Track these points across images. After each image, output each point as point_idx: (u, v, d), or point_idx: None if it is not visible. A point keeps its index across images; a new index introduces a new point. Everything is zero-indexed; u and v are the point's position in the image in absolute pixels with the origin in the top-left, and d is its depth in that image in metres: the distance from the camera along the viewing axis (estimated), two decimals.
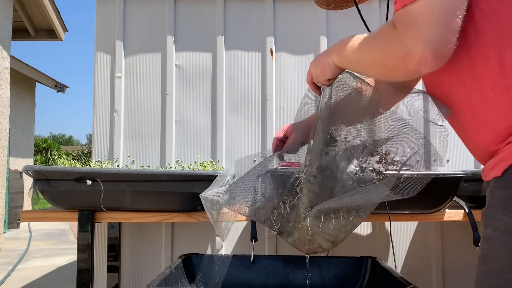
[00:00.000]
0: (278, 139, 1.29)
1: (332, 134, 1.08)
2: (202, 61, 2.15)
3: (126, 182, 1.56)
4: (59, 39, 6.64)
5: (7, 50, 4.80)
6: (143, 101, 2.12)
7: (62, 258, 4.18)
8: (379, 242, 2.09)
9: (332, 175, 1.08)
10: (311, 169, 1.09)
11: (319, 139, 1.08)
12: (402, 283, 1.19)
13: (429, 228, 2.10)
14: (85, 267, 1.62)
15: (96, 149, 2.09)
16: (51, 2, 5.99)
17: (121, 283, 2.02)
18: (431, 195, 1.63)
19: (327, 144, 1.08)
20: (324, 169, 1.08)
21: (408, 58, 0.75)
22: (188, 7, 2.16)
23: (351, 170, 1.08)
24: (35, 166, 1.58)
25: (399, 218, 1.71)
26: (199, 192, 1.59)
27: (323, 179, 1.08)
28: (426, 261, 2.09)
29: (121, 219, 1.68)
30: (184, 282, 1.44)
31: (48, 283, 3.31)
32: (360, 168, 1.08)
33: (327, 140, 1.08)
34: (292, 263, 1.54)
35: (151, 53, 2.14)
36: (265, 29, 2.15)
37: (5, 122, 4.82)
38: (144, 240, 2.05)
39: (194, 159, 2.07)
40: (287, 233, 1.18)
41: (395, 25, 0.77)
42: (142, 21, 2.15)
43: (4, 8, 4.76)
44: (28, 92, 8.44)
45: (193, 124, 2.11)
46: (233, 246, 2.07)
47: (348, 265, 1.53)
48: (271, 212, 1.19)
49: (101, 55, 2.12)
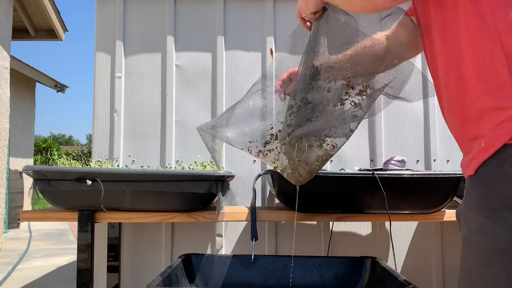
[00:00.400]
0: (282, 80, 1.28)
1: (317, 67, 1.10)
2: (202, 61, 2.15)
3: (126, 182, 1.56)
4: (59, 39, 6.64)
5: (7, 50, 4.80)
6: (143, 101, 2.12)
7: (62, 258, 4.18)
8: (379, 242, 2.09)
9: (315, 107, 1.11)
10: (295, 101, 1.12)
11: (304, 72, 1.11)
12: (402, 283, 1.19)
13: (429, 228, 2.10)
14: (85, 267, 1.62)
15: (96, 149, 2.09)
16: (51, 2, 5.99)
17: (121, 283, 2.02)
18: (431, 195, 1.63)
19: (311, 77, 1.11)
20: (308, 102, 1.11)
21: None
22: (188, 7, 2.16)
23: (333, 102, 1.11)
24: (35, 166, 1.58)
25: (399, 218, 1.71)
26: (199, 192, 1.59)
27: (305, 112, 1.11)
28: (426, 261, 2.10)
29: (121, 219, 1.68)
30: (184, 282, 1.44)
31: (48, 283, 3.31)
32: (339, 101, 1.12)
33: (311, 73, 1.10)
34: (292, 263, 1.54)
35: (151, 53, 2.14)
36: (265, 29, 2.15)
37: (5, 122, 4.82)
38: (144, 240, 2.05)
39: (194, 159, 2.08)
40: (281, 165, 1.22)
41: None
42: (142, 21, 2.15)
43: (4, 8, 4.76)
44: (28, 92, 8.44)
45: (193, 124, 2.11)
46: (233, 246, 2.07)
47: (348, 265, 1.53)
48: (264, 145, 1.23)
49: (101, 55, 2.12)
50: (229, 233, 2.08)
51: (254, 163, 2.10)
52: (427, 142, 2.14)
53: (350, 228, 2.11)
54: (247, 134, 1.24)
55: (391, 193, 1.56)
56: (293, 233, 2.08)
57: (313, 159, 1.16)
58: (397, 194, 1.61)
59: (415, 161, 2.13)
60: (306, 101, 1.12)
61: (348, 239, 2.10)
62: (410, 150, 2.13)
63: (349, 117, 1.09)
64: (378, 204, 1.61)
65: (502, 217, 0.72)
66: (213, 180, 1.58)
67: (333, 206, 1.67)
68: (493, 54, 0.76)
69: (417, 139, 2.14)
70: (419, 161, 2.13)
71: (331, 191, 1.62)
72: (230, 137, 1.25)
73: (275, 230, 2.07)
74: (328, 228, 2.07)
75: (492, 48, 0.77)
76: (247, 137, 1.24)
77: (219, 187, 1.59)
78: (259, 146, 1.24)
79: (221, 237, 2.06)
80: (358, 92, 1.13)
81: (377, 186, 1.53)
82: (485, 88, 0.78)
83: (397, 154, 2.09)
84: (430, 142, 2.13)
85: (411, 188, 1.61)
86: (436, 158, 2.13)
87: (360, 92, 1.13)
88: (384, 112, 2.13)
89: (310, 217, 1.73)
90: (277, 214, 1.75)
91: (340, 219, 1.72)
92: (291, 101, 1.14)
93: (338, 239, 2.09)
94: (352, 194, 1.64)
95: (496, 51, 0.76)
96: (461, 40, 0.81)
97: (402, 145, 2.13)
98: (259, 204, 2.09)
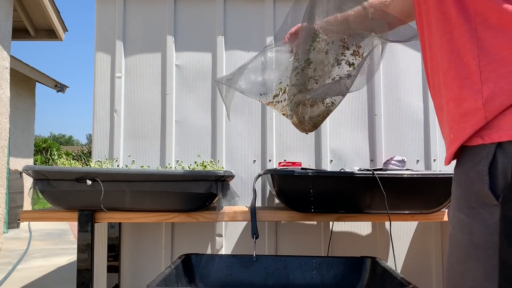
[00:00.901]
0: (291, 33, 1.34)
1: (316, 30, 1.21)
2: (202, 61, 2.15)
3: (126, 182, 1.56)
4: (59, 39, 6.63)
5: (7, 50, 4.80)
6: (143, 101, 2.12)
7: (62, 258, 4.18)
8: (379, 242, 2.09)
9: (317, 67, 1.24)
10: (299, 63, 1.24)
11: (306, 35, 1.21)
12: (402, 283, 1.19)
13: (429, 228, 2.10)
14: (85, 267, 1.62)
15: (96, 149, 2.09)
16: (51, 2, 5.99)
17: (121, 283, 2.02)
18: (431, 195, 1.63)
19: (312, 39, 1.22)
20: (310, 62, 1.24)
21: None
22: (188, 7, 2.16)
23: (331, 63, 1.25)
24: (35, 166, 1.58)
25: (399, 218, 1.71)
26: (199, 192, 1.59)
27: (308, 71, 1.24)
28: (426, 261, 2.10)
29: (121, 219, 1.68)
30: (184, 282, 1.44)
31: (48, 283, 3.31)
32: (336, 61, 1.25)
33: (311, 35, 1.21)
34: (292, 263, 1.54)
35: (151, 53, 2.14)
36: (265, 29, 2.15)
37: (5, 122, 4.82)
38: (144, 240, 2.06)
39: (194, 159, 2.08)
40: (289, 115, 1.37)
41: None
42: (142, 21, 2.15)
43: (4, 8, 4.76)
44: (28, 92, 8.44)
45: (193, 124, 2.12)
46: (233, 246, 2.07)
47: (348, 265, 1.53)
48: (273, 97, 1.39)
49: (101, 55, 2.12)
50: (229, 233, 2.08)
51: (254, 163, 2.10)
52: (427, 142, 2.14)
53: (350, 228, 2.11)
54: (258, 86, 1.38)
55: (391, 193, 1.56)
56: (293, 233, 2.08)
57: (316, 114, 1.33)
58: (397, 194, 1.61)
59: (415, 161, 2.13)
60: (309, 61, 1.23)
61: (348, 239, 2.10)
62: (410, 150, 2.13)
63: (344, 77, 1.22)
64: (378, 204, 1.61)
65: (478, 213, 0.75)
66: (213, 180, 1.58)
67: (333, 206, 1.67)
68: (467, 44, 0.77)
69: (417, 139, 2.14)
70: (419, 161, 2.13)
71: (331, 191, 1.62)
72: (244, 88, 1.39)
73: (275, 230, 2.07)
74: (328, 228, 2.07)
75: (468, 39, 0.78)
76: (259, 89, 1.39)
77: (219, 187, 1.59)
78: (268, 98, 1.39)
79: (221, 237, 2.06)
80: (352, 52, 1.25)
81: (377, 186, 1.53)
82: (453, 75, 0.80)
83: (397, 154, 2.09)
84: (430, 142, 2.13)
85: (411, 188, 1.61)
86: (436, 158, 2.13)
87: (354, 52, 1.25)
88: (384, 112, 2.13)
89: (310, 217, 1.73)
90: (277, 214, 1.75)
91: (340, 219, 1.72)
92: (295, 63, 1.25)
93: (338, 239, 2.09)
94: (352, 194, 1.64)
95: (471, 42, 0.77)
96: (442, 28, 0.83)
97: (402, 145, 2.13)
98: (259, 204, 2.09)
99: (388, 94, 2.15)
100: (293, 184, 1.61)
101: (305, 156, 2.10)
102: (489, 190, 0.73)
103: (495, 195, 0.72)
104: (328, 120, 2.12)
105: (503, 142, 0.72)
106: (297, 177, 1.58)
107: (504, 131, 0.72)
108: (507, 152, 0.71)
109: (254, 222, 1.61)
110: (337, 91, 1.23)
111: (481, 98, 0.75)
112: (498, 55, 0.74)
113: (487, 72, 0.75)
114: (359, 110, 2.15)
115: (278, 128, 2.13)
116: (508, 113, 0.72)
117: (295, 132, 2.13)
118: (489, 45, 0.75)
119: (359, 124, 2.14)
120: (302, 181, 1.58)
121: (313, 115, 1.31)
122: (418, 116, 2.14)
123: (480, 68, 0.75)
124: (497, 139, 0.72)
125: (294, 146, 2.11)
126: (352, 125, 2.14)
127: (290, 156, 2.10)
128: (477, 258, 0.76)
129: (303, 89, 1.25)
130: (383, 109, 2.14)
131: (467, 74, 0.77)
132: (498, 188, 0.72)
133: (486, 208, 0.74)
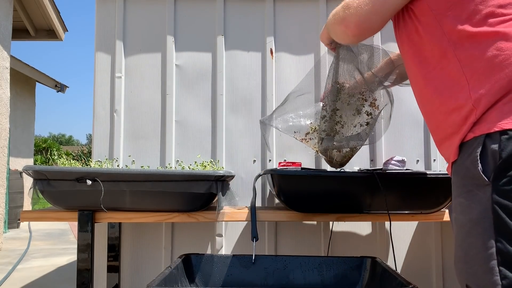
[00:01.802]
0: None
1: (342, 84, 1.46)
2: (202, 61, 2.15)
3: (126, 182, 1.56)
4: (59, 39, 6.63)
5: (7, 50, 4.79)
6: (143, 101, 2.12)
7: (62, 258, 4.18)
8: (379, 242, 2.09)
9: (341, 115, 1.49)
10: (326, 112, 1.49)
11: (332, 89, 1.46)
12: (402, 283, 1.19)
13: (429, 228, 2.10)
14: (85, 267, 1.62)
15: (96, 149, 2.09)
16: (51, 2, 5.98)
17: (121, 283, 2.02)
18: (431, 195, 1.63)
19: (337, 91, 1.46)
20: (336, 109, 1.48)
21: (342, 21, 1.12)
22: (188, 7, 2.16)
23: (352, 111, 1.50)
24: (35, 166, 1.58)
25: (399, 218, 1.71)
26: (199, 192, 1.59)
27: (335, 117, 1.49)
28: (426, 261, 2.10)
29: (121, 219, 1.68)
30: (184, 282, 1.44)
31: (48, 283, 3.31)
32: (356, 111, 1.50)
33: (337, 89, 1.46)
34: (292, 263, 1.54)
35: (151, 53, 2.14)
36: (265, 29, 2.15)
37: (5, 122, 4.82)
38: (144, 240, 2.06)
39: (194, 159, 2.08)
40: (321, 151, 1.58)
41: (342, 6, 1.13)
42: (142, 21, 2.15)
43: (4, 8, 4.76)
44: (28, 92, 8.44)
45: (193, 124, 2.12)
46: (233, 246, 2.07)
47: (348, 265, 1.53)
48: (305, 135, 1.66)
49: (101, 55, 2.12)
50: (229, 233, 2.08)
51: (254, 163, 2.10)
52: (427, 142, 2.14)
53: (350, 228, 2.11)
54: (292, 126, 1.66)
55: (391, 193, 1.56)
56: (293, 233, 2.08)
57: (342, 156, 1.58)
58: (397, 194, 1.61)
59: (415, 161, 2.13)
60: (336, 109, 1.48)
61: (348, 239, 2.10)
62: (410, 150, 2.13)
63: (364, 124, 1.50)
64: (378, 204, 1.61)
65: (474, 194, 0.88)
66: (213, 180, 1.58)
67: (333, 206, 1.67)
68: (453, 70, 0.95)
69: (417, 139, 2.14)
70: (419, 161, 2.13)
71: (331, 191, 1.62)
72: (280, 127, 1.67)
73: (275, 230, 2.07)
74: (328, 228, 2.07)
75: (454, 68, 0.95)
76: (293, 128, 1.67)
77: (219, 187, 1.59)
78: (301, 135, 1.66)
79: (221, 237, 2.06)
80: (370, 104, 1.52)
81: (377, 186, 1.53)
82: (448, 94, 0.96)
83: (397, 154, 2.09)
84: (430, 142, 2.13)
85: (411, 188, 1.61)
86: (436, 158, 2.13)
87: (371, 103, 1.52)
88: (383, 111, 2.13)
89: (310, 217, 1.73)
90: (277, 214, 1.75)
91: (340, 219, 1.72)
92: (323, 112, 1.51)
93: (338, 239, 2.09)
94: (352, 194, 1.64)
95: (456, 67, 0.95)
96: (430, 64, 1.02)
97: (402, 145, 2.13)
98: (259, 204, 2.09)
99: None
100: (293, 184, 1.61)
101: (305, 156, 2.10)
102: (481, 173, 0.86)
103: (487, 176, 0.85)
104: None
105: (491, 132, 0.86)
106: (297, 177, 1.58)
107: (492, 123, 0.87)
108: (494, 139, 0.85)
109: (254, 223, 1.61)
110: (357, 139, 1.47)
111: (471, 102, 0.91)
112: (476, 67, 0.91)
113: (472, 82, 0.92)
114: None
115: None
116: (493, 110, 0.88)
117: None
118: (467, 62, 0.93)
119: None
120: (302, 181, 1.58)
121: (340, 156, 1.58)
122: (418, 117, 2.14)
123: (468, 81, 0.92)
124: (486, 130, 0.87)
125: (294, 146, 2.11)
126: None
127: (290, 156, 2.10)
128: (477, 234, 0.87)
129: (331, 132, 1.49)
130: (383, 109, 2.13)
131: (460, 88, 0.94)
132: (489, 170, 0.85)
133: (480, 188, 0.87)
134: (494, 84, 0.88)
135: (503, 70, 0.88)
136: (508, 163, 0.83)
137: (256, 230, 1.58)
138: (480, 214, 0.86)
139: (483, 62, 0.91)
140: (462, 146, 0.93)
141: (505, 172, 0.83)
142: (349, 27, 1.10)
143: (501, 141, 0.84)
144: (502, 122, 0.85)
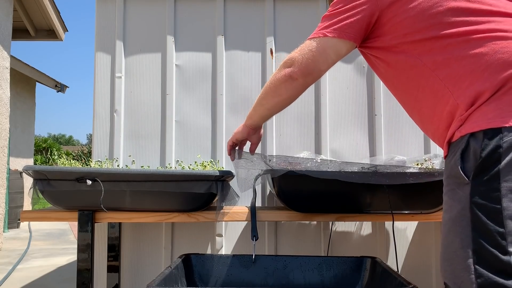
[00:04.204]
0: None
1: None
2: (202, 61, 2.15)
3: (126, 182, 1.56)
4: (59, 39, 6.63)
5: (7, 50, 4.79)
6: (143, 101, 2.12)
7: (62, 258, 4.18)
8: (379, 242, 2.09)
9: None
10: None
11: None
12: (402, 283, 1.19)
13: (429, 228, 2.10)
14: (85, 267, 1.62)
15: (96, 149, 2.09)
16: (51, 2, 5.98)
17: (121, 283, 2.02)
18: (431, 195, 1.63)
19: None
20: None
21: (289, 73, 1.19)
22: (188, 7, 2.16)
23: None
24: (35, 166, 1.58)
25: (399, 218, 1.71)
26: (199, 192, 1.59)
27: None
28: (426, 261, 2.09)
29: (121, 219, 1.68)
30: (184, 282, 1.44)
31: (48, 283, 3.31)
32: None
33: None
34: (292, 263, 1.54)
35: (151, 53, 2.14)
36: (265, 29, 2.15)
37: (5, 122, 4.82)
38: (144, 240, 2.06)
39: (194, 159, 2.08)
40: None
41: (279, 69, 1.23)
42: (142, 21, 2.15)
43: (4, 8, 4.76)
44: (28, 92, 8.44)
45: (193, 124, 2.11)
46: (233, 246, 2.07)
47: (348, 265, 1.53)
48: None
49: (101, 55, 2.12)
50: (229, 233, 2.08)
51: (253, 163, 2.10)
52: (427, 142, 2.14)
53: (350, 228, 2.11)
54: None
55: (391, 193, 1.56)
56: (293, 232, 2.08)
57: None
58: (397, 194, 1.61)
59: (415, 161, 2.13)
60: None
61: (348, 239, 2.10)
62: (410, 150, 2.13)
63: None
64: (378, 204, 1.61)
65: (455, 193, 0.91)
66: (213, 180, 1.58)
67: (333, 206, 1.67)
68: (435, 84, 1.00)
69: (417, 139, 2.14)
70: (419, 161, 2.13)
71: (331, 191, 1.62)
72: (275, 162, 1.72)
73: (275, 230, 2.07)
74: (328, 228, 2.07)
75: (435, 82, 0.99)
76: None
77: (219, 187, 1.59)
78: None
79: (221, 237, 2.06)
80: None
81: (377, 186, 1.53)
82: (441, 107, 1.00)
83: (397, 154, 2.09)
84: (430, 142, 2.13)
85: (411, 187, 1.61)
86: None
87: None
88: (384, 112, 2.13)
89: (310, 217, 1.73)
90: (277, 214, 1.75)
91: (340, 219, 1.72)
92: None
93: (338, 239, 2.09)
94: (352, 194, 1.64)
95: (437, 82, 0.99)
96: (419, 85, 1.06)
97: (402, 145, 2.13)
98: (259, 204, 2.09)
99: (388, 94, 2.15)
100: (293, 184, 1.61)
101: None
102: (461, 171, 0.89)
103: (467, 175, 0.88)
104: (328, 120, 2.12)
105: (475, 132, 0.89)
106: (297, 177, 1.58)
107: (475, 123, 0.90)
108: (477, 138, 0.88)
109: (254, 223, 1.61)
110: None
111: (457, 107, 0.95)
112: (455, 78, 0.96)
113: (455, 91, 0.96)
114: (359, 110, 2.15)
115: (278, 128, 2.13)
116: (476, 112, 0.91)
117: (295, 132, 2.13)
118: (445, 75, 0.98)
119: (359, 124, 2.14)
120: (302, 181, 1.58)
121: None
122: None
123: (451, 91, 0.97)
124: (470, 130, 0.90)
125: (294, 146, 2.11)
126: (352, 125, 2.14)
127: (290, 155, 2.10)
128: (455, 232, 0.89)
129: None
130: (383, 109, 2.14)
131: (447, 99, 0.98)
132: (469, 169, 0.88)
133: (461, 187, 0.89)
134: (478, 86, 0.92)
135: (483, 73, 0.92)
136: (487, 163, 0.85)
137: (256, 230, 1.58)
138: (459, 212, 0.88)
139: (460, 68, 0.95)
140: (450, 146, 0.97)
141: (484, 171, 0.85)
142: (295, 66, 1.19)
143: (483, 141, 0.86)
144: (485, 122, 0.88)
